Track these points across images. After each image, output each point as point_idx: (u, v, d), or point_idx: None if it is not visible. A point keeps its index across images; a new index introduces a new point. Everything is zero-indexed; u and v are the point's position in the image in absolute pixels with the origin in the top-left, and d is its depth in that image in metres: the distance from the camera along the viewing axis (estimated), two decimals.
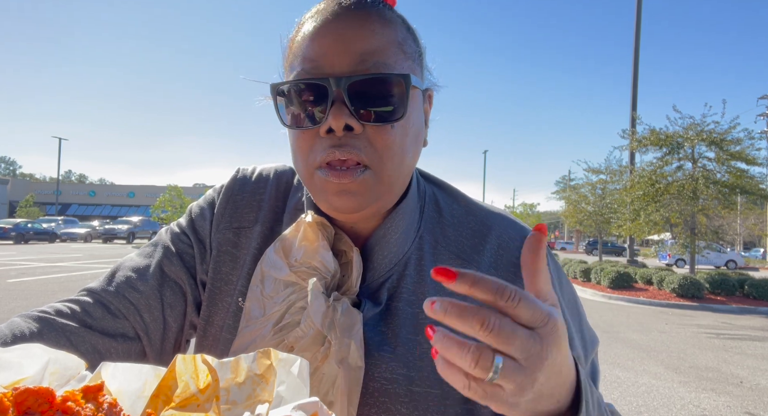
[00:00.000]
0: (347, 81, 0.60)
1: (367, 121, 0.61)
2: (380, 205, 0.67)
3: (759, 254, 46.74)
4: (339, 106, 0.60)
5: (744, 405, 4.98)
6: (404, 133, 0.64)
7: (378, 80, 0.61)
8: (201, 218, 0.79)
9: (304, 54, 0.63)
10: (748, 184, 13.97)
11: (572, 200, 24.30)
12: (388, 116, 0.62)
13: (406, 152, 0.66)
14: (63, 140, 57.68)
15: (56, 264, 16.04)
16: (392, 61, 0.63)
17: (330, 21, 0.63)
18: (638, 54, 19.81)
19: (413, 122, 0.66)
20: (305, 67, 0.63)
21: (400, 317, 0.68)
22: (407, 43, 0.66)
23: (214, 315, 0.74)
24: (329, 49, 0.62)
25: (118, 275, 0.73)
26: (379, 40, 0.62)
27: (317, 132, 0.63)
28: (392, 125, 0.63)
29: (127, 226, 35.09)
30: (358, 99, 0.61)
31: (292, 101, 0.64)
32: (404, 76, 0.62)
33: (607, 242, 39.80)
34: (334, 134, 0.62)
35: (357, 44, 0.61)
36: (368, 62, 0.61)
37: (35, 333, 0.62)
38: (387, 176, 0.64)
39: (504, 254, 0.72)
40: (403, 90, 0.62)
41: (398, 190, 0.68)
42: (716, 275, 13.39)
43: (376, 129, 0.62)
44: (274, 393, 0.45)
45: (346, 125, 0.61)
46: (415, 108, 0.66)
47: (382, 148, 0.63)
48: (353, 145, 0.61)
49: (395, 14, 0.67)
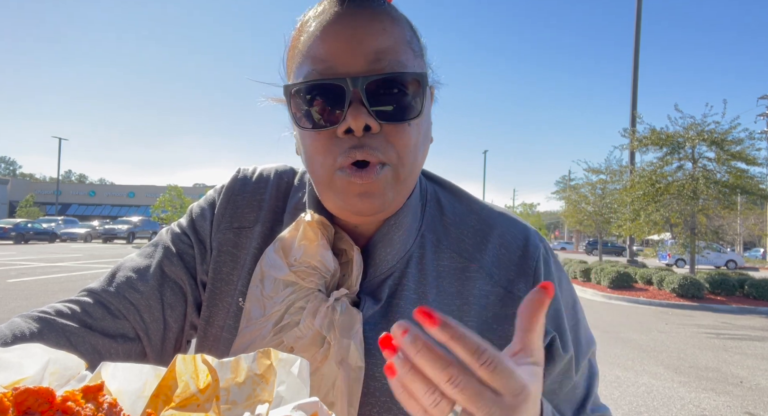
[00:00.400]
0: (365, 81, 0.60)
1: (385, 120, 0.61)
2: (396, 205, 0.67)
3: (759, 254, 46.73)
4: (357, 106, 0.60)
5: (744, 405, 4.98)
6: (419, 131, 0.65)
7: (395, 79, 0.61)
8: (201, 219, 0.79)
9: (314, 54, 0.63)
10: (748, 184, 13.96)
11: (572, 200, 24.30)
12: (406, 114, 0.62)
13: (419, 150, 0.66)
14: (63, 140, 57.77)
15: (56, 264, 16.04)
16: (405, 59, 0.63)
17: (338, 20, 0.62)
18: (638, 54, 19.81)
19: (426, 120, 0.67)
20: (317, 68, 0.62)
21: (401, 315, 0.68)
22: (414, 42, 0.66)
23: (215, 316, 0.74)
24: (341, 48, 0.61)
25: (118, 275, 0.73)
26: (391, 39, 0.62)
27: (334, 133, 0.62)
28: (409, 124, 0.63)
29: (127, 226, 35.07)
30: (376, 98, 0.61)
31: (307, 102, 0.63)
32: (421, 75, 0.62)
33: (607, 242, 39.80)
34: (352, 134, 0.61)
35: (370, 43, 0.61)
36: (383, 61, 0.61)
37: (35, 334, 0.61)
38: (404, 174, 0.64)
39: (506, 253, 0.72)
40: (418, 88, 0.62)
41: (410, 189, 0.68)
42: (716, 275, 13.39)
43: (394, 128, 0.62)
44: (274, 393, 0.45)
45: (365, 125, 0.60)
46: (427, 106, 0.66)
47: (400, 147, 0.63)
48: (372, 145, 0.61)
49: (400, 12, 0.67)
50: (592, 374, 0.75)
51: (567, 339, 0.70)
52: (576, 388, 0.73)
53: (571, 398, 0.73)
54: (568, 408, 0.73)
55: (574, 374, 0.71)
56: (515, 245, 0.72)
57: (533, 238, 0.74)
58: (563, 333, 0.70)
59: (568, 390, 0.72)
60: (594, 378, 0.75)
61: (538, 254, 0.72)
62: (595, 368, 0.76)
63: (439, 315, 0.40)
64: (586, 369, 0.74)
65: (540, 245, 0.73)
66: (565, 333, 0.70)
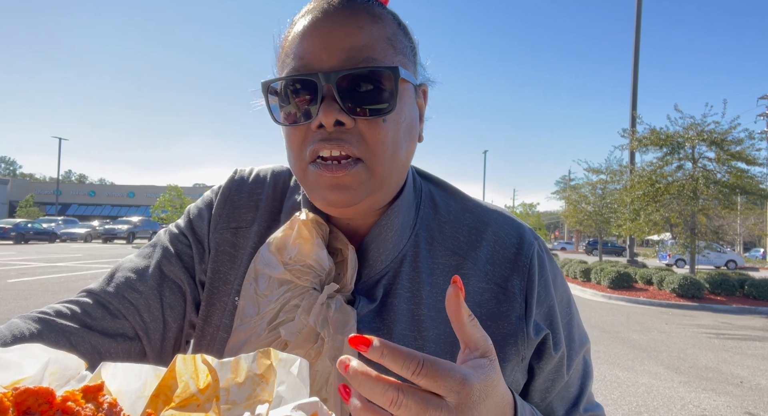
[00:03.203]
0: (336, 76, 0.60)
1: (357, 115, 0.62)
2: (374, 200, 0.67)
3: (759, 254, 46.74)
4: (329, 101, 0.61)
5: (744, 405, 4.98)
6: (396, 127, 0.65)
7: (367, 74, 0.61)
8: (199, 219, 0.79)
9: (294, 52, 0.64)
10: (748, 184, 13.97)
11: (572, 200, 24.31)
12: (379, 109, 0.62)
13: (399, 146, 0.66)
14: (63, 140, 57.75)
15: (56, 264, 16.05)
16: (381, 56, 0.63)
17: (318, 19, 0.64)
18: (638, 54, 19.82)
19: (405, 116, 0.66)
20: (295, 65, 0.63)
21: (395, 313, 0.68)
22: (397, 39, 0.66)
23: (212, 315, 0.74)
24: (318, 46, 0.62)
25: (117, 275, 0.73)
26: (367, 36, 0.63)
27: (308, 128, 0.64)
28: (384, 119, 0.63)
29: (127, 226, 35.11)
30: (348, 94, 0.61)
31: (283, 98, 0.65)
32: (392, 68, 0.62)
33: (607, 242, 39.80)
34: (324, 129, 0.62)
35: (345, 40, 0.62)
36: (357, 58, 0.62)
37: (35, 334, 0.62)
38: (380, 170, 0.64)
39: (500, 251, 0.72)
40: (392, 83, 0.62)
41: (393, 185, 0.68)
42: (716, 275, 13.40)
43: (368, 123, 0.62)
44: (274, 393, 0.45)
45: (337, 120, 0.61)
46: (406, 102, 0.66)
47: (373, 142, 0.63)
48: (343, 139, 0.62)
49: (385, 11, 0.68)
50: (586, 372, 0.75)
51: (559, 337, 0.71)
52: (569, 386, 0.73)
53: (564, 396, 0.73)
54: (561, 407, 0.73)
55: (566, 372, 0.71)
56: (510, 243, 0.73)
57: (527, 235, 0.74)
58: (556, 331, 0.71)
59: (561, 389, 0.72)
60: (588, 377, 0.75)
61: (533, 251, 0.72)
62: (589, 366, 0.76)
63: (368, 338, 0.41)
64: (581, 368, 0.74)
65: (534, 242, 0.74)
66: (557, 330, 0.71)
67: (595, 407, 0.76)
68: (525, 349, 0.69)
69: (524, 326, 0.68)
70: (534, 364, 0.70)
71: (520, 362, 0.69)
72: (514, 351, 0.68)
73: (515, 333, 0.68)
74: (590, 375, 0.75)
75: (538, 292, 0.70)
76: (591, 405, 0.76)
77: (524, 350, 0.69)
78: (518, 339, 0.68)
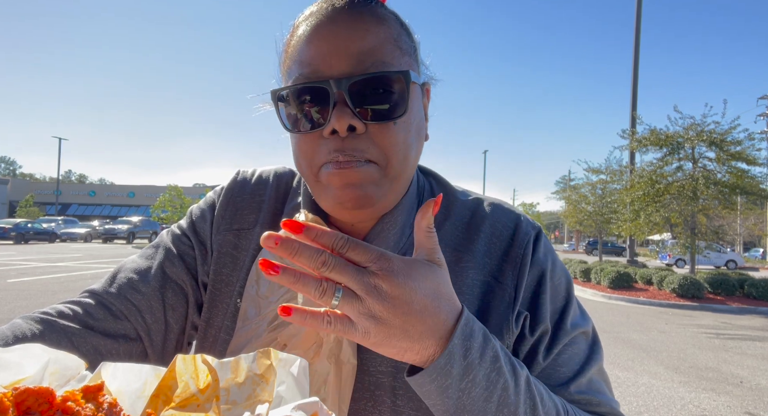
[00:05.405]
0: (347, 82, 0.60)
1: (369, 120, 0.62)
2: (387, 202, 0.67)
3: (759, 254, 46.71)
4: (341, 107, 0.60)
5: (744, 405, 4.98)
6: (407, 129, 0.65)
7: (378, 79, 0.61)
8: (201, 220, 0.79)
9: (301, 58, 0.63)
10: (748, 184, 13.95)
11: (572, 200, 24.27)
12: (391, 113, 0.62)
13: (410, 148, 0.66)
14: (63, 140, 57.68)
15: (56, 264, 16.04)
16: (390, 58, 0.63)
17: (323, 23, 0.63)
18: (638, 54, 19.81)
19: (414, 118, 0.66)
20: (303, 72, 0.63)
21: None
22: (402, 39, 0.66)
23: (214, 317, 0.74)
24: (326, 51, 0.62)
25: (119, 276, 0.73)
26: (375, 39, 0.63)
27: (320, 134, 0.63)
28: (395, 122, 0.63)
29: (127, 226, 35.03)
30: (360, 99, 0.61)
31: (293, 106, 0.64)
32: (404, 72, 0.62)
33: (607, 243, 39.79)
34: (337, 135, 0.62)
35: (353, 44, 0.61)
36: (366, 62, 0.61)
37: (37, 335, 0.62)
38: (393, 172, 0.64)
39: (496, 242, 0.72)
40: (403, 87, 0.62)
41: (403, 186, 0.69)
42: (716, 275, 13.39)
43: (380, 127, 0.62)
44: (274, 393, 0.45)
45: (350, 125, 0.61)
46: (415, 104, 0.66)
47: (386, 146, 0.63)
48: (357, 147, 0.62)
49: (388, 11, 0.67)
50: (588, 357, 0.71)
51: (539, 320, 0.69)
52: (559, 366, 0.69)
53: (551, 375, 0.69)
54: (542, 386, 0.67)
55: (542, 358, 0.68)
56: (506, 234, 0.73)
57: (524, 225, 0.74)
58: (536, 314, 0.69)
59: (546, 369, 0.69)
60: (591, 361, 0.70)
61: (527, 241, 0.72)
62: (594, 352, 0.72)
63: (303, 222, 0.49)
64: (581, 351, 0.71)
65: (531, 231, 0.73)
66: (539, 314, 0.69)
67: (595, 393, 0.70)
68: (509, 338, 0.68)
69: (510, 315, 0.68)
70: (515, 346, 0.70)
71: None
72: (502, 341, 0.68)
73: (502, 323, 0.68)
74: (594, 360, 0.71)
75: (527, 281, 0.70)
76: (592, 390, 0.70)
77: (509, 338, 0.68)
78: (503, 328, 0.68)
